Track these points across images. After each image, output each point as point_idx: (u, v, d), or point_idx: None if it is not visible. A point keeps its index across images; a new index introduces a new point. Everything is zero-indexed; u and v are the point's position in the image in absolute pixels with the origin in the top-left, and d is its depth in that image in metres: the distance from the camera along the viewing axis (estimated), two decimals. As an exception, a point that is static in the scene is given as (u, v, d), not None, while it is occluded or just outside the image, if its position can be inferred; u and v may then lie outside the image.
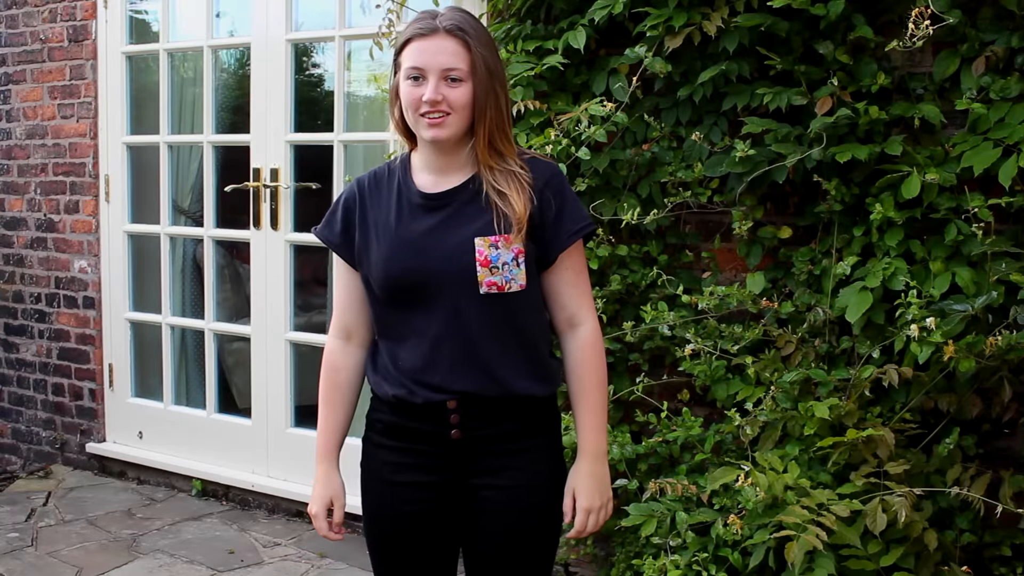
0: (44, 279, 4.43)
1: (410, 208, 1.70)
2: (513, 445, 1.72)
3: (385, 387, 1.73)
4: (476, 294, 1.65)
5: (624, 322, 2.76)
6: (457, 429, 1.69)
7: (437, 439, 1.71)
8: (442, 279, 1.66)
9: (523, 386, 1.69)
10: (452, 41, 1.62)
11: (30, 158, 4.42)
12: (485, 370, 1.67)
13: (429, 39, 1.63)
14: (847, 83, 2.48)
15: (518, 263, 1.65)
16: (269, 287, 3.80)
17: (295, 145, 3.75)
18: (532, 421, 1.74)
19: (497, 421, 1.70)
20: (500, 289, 1.65)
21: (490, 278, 1.64)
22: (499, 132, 1.67)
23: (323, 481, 1.82)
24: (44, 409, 4.50)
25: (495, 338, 1.67)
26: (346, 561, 3.28)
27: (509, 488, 1.71)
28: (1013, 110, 2.32)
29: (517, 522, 1.72)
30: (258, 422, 3.89)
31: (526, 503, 1.72)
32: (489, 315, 1.66)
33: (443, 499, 1.74)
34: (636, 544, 2.65)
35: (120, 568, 3.34)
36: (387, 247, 1.69)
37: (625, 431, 2.76)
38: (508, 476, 1.71)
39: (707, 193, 2.70)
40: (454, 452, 1.71)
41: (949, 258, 2.38)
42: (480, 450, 1.71)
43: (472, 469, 1.72)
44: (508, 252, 1.64)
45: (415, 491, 1.74)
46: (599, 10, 2.66)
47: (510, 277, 1.65)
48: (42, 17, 4.32)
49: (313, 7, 3.82)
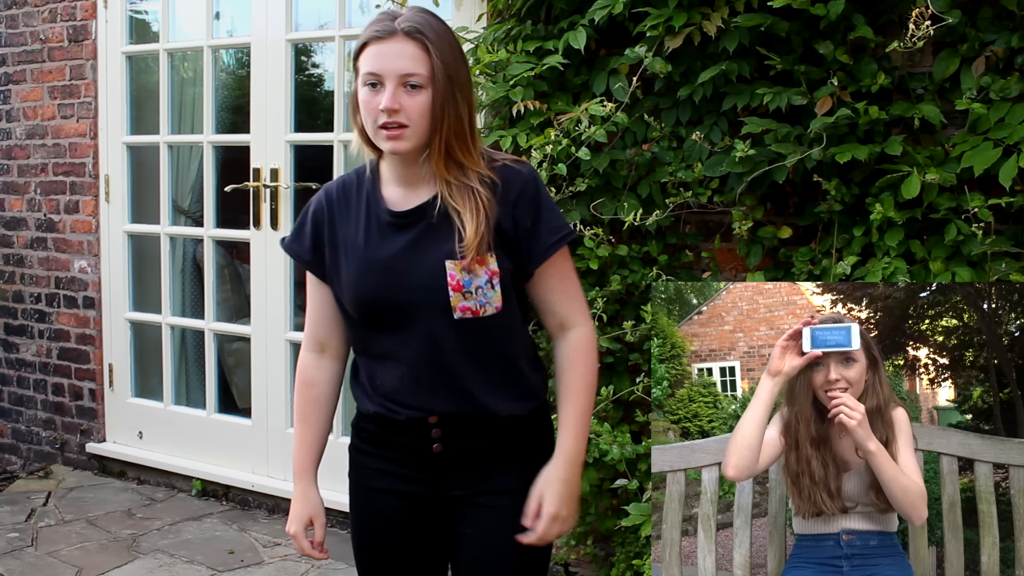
0: (44, 279, 4.43)
1: (379, 226, 1.62)
2: (497, 459, 1.67)
3: (367, 403, 1.69)
4: (450, 319, 1.58)
5: (624, 322, 2.76)
6: (439, 443, 1.65)
7: (419, 451, 1.67)
8: (414, 304, 1.59)
9: (504, 407, 1.64)
10: (411, 44, 1.52)
11: (30, 158, 4.42)
12: (463, 394, 1.62)
13: (387, 42, 1.53)
14: (847, 83, 2.48)
15: (492, 285, 1.58)
16: (269, 287, 3.81)
17: (295, 145, 3.75)
18: (518, 436, 1.69)
19: (480, 438, 1.66)
20: (475, 314, 1.58)
21: (463, 303, 1.57)
22: (458, 142, 1.56)
23: (301, 499, 1.77)
24: (44, 409, 4.50)
25: (472, 362, 1.61)
26: (346, 561, 3.28)
27: (498, 495, 1.67)
28: (1013, 110, 2.32)
29: (507, 531, 1.66)
30: (258, 422, 3.89)
31: (515, 510, 1.66)
32: (464, 339, 1.60)
33: (425, 509, 1.70)
34: (636, 544, 2.65)
35: (120, 568, 3.34)
36: (356, 269, 1.62)
37: (625, 431, 2.76)
38: (496, 484, 1.66)
39: (707, 193, 2.70)
40: (436, 465, 1.67)
41: (949, 258, 2.38)
42: (463, 463, 1.66)
43: (455, 481, 1.67)
44: (482, 275, 1.57)
45: (396, 499, 1.70)
46: (599, 10, 2.66)
47: (484, 301, 1.58)
48: (42, 17, 4.32)
49: (313, 7, 3.83)
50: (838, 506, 1.63)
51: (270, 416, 3.84)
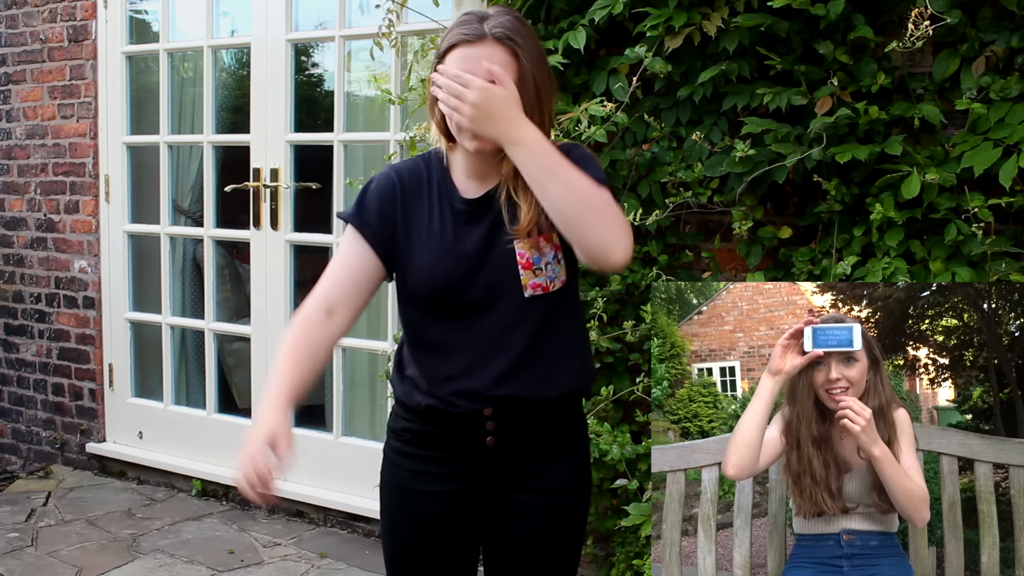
0: (44, 279, 4.43)
1: (454, 214, 1.64)
2: (546, 450, 1.70)
3: (417, 397, 1.67)
4: (522, 299, 1.61)
5: (624, 322, 2.76)
6: (492, 436, 1.66)
7: (470, 447, 1.67)
8: (489, 291, 1.62)
9: (568, 383, 1.68)
10: (501, 50, 1.53)
11: (30, 158, 4.42)
12: (534, 374, 1.64)
13: (476, 46, 1.53)
14: (847, 83, 2.48)
15: (559, 260, 1.62)
16: (269, 287, 3.81)
17: (295, 145, 3.75)
18: (566, 425, 1.73)
19: (533, 428, 1.68)
20: (545, 290, 1.62)
21: (534, 280, 1.61)
22: None
23: (267, 416, 1.59)
24: (44, 409, 4.50)
25: (544, 340, 1.64)
26: (346, 561, 3.27)
27: (544, 492, 1.69)
28: (1013, 110, 2.32)
29: (550, 527, 1.70)
30: (258, 422, 3.89)
31: (561, 507, 1.70)
32: (536, 317, 1.63)
33: (469, 508, 1.71)
34: (636, 544, 2.65)
35: (120, 568, 3.34)
36: (433, 254, 1.63)
37: (625, 431, 2.76)
38: (542, 480, 1.69)
39: (707, 193, 2.70)
40: (486, 460, 1.68)
41: (949, 258, 2.39)
42: (513, 457, 1.68)
43: (503, 476, 1.69)
44: (548, 250, 1.61)
45: (442, 501, 1.70)
46: (599, 10, 2.67)
47: (553, 275, 1.62)
48: (42, 17, 4.32)
49: (313, 7, 3.83)
50: (839, 506, 1.63)
51: (270, 416, 3.84)
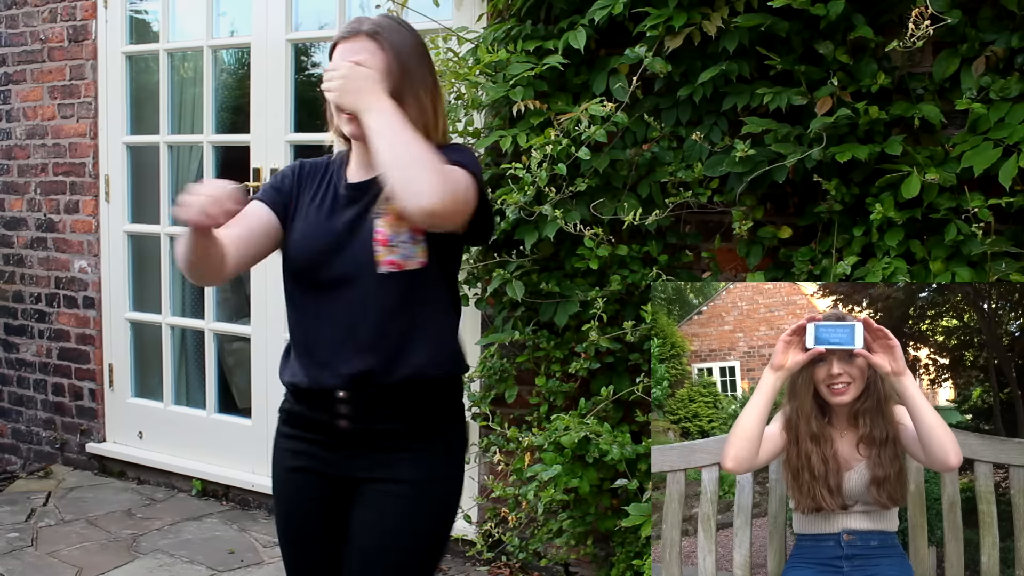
0: (44, 279, 4.43)
1: (336, 197, 1.76)
2: (402, 443, 1.73)
3: (286, 374, 1.79)
4: (379, 277, 1.67)
5: (624, 322, 2.76)
6: (345, 420, 1.72)
7: (327, 429, 1.74)
8: (347, 264, 1.69)
9: (415, 366, 1.70)
10: (369, 43, 1.68)
11: (30, 158, 4.42)
12: (385, 354, 1.69)
13: (351, 41, 1.70)
14: (847, 83, 2.48)
15: (416, 240, 1.67)
16: (269, 287, 3.80)
17: (295, 145, 3.75)
18: (424, 418, 1.75)
19: (387, 414, 1.72)
20: (399, 267, 1.68)
21: (389, 256, 1.67)
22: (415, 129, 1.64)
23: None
24: (44, 409, 4.50)
25: (398, 322, 1.69)
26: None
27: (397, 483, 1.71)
28: (1013, 110, 2.32)
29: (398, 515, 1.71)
30: (258, 422, 3.89)
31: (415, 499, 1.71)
32: (392, 298, 1.68)
33: (334, 491, 1.76)
34: (636, 544, 2.65)
35: (120, 568, 3.34)
36: (305, 228, 1.75)
37: (625, 431, 2.76)
38: (396, 471, 1.72)
39: (707, 193, 2.70)
40: (343, 444, 1.74)
41: (949, 258, 2.38)
42: (369, 445, 1.73)
43: (359, 464, 1.73)
44: (406, 228, 1.66)
45: (308, 478, 1.78)
46: (599, 10, 2.66)
47: (408, 254, 1.68)
48: (42, 17, 4.32)
49: (313, 7, 3.83)
50: (838, 503, 1.63)
51: (270, 416, 3.83)
